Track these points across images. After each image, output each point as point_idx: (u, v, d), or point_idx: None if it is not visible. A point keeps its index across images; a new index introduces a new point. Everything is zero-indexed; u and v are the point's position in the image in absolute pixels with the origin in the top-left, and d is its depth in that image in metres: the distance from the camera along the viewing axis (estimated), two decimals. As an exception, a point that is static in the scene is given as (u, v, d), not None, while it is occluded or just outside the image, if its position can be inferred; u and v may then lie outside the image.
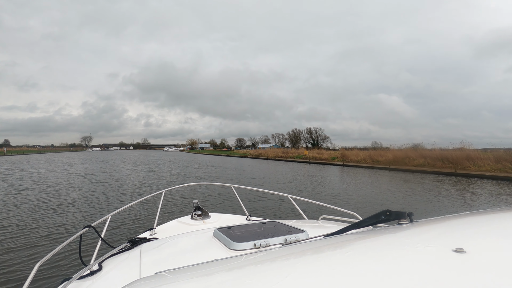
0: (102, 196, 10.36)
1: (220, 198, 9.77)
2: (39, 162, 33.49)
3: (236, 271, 0.58)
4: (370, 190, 12.39)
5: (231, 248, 1.19)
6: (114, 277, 1.12)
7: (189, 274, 0.60)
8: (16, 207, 8.33)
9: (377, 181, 15.54)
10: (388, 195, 10.95)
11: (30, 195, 10.43)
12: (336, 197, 10.69)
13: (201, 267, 0.63)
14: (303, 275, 0.49)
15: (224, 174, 20.56)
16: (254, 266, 0.60)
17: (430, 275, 0.46)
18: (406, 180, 15.65)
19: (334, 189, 12.58)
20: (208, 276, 0.56)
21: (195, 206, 2.31)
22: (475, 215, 0.84)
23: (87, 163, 32.96)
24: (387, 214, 0.81)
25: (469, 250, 0.53)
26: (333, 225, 1.67)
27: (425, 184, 14.02)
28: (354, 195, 11.01)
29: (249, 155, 52.38)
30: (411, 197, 10.67)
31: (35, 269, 1.25)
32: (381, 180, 16.17)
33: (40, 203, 8.97)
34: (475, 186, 13.54)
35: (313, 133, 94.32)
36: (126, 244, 1.50)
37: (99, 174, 18.92)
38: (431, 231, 0.73)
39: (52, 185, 13.08)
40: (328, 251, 0.66)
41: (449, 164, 19.56)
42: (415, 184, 14.07)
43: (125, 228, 6.24)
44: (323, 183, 14.75)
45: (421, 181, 15.10)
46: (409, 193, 11.54)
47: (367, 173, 20.15)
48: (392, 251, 0.59)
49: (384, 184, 14.31)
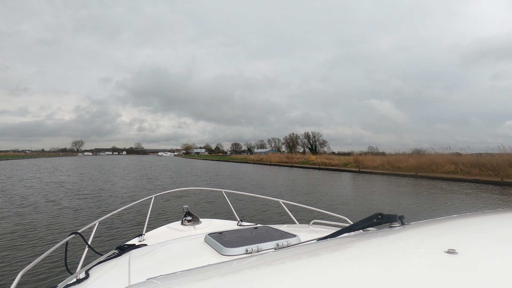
0: (71, 216, 7.45)
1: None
2: (19, 169, 30.17)
3: (229, 276, 0.58)
4: (423, 203, 9.69)
5: (222, 253, 1.16)
6: (102, 285, 1.08)
7: (180, 280, 0.59)
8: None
9: (415, 192, 12.87)
10: (457, 211, 8.23)
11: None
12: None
13: (193, 272, 0.63)
14: (296, 279, 0.48)
15: (229, 182, 17.68)
16: (247, 271, 0.60)
17: (423, 276, 0.46)
18: (451, 191, 12.99)
19: (375, 203, 9.87)
20: (200, 282, 0.56)
21: (185, 212, 2.25)
22: (465, 218, 0.86)
23: (73, 169, 29.74)
24: (378, 218, 0.82)
25: (461, 251, 0.53)
26: (325, 229, 1.67)
27: (481, 198, 11.37)
28: (410, 211, 8.28)
29: (250, 160, 49.26)
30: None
31: (18, 278, 1.20)
32: (420, 190, 13.48)
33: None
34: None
35: (311, 138, 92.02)
36: (114, 251, 1.45)
37: (81, 183, 15.96)
38: (422, 234, 0.74)
39: (15, 200, 10.10)
40: (321, 254, 0.65)
41: (488, 171, 17.07)
42: (471, 197, 11.41)
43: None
44: (354, 195, 12.02)
45: (469, 192, 12.49)
46: (484, 207, 8.86)
47: (393, 182, 17.53)
48: (385, 253, 0.60)
49: (430, 197, 11.58)
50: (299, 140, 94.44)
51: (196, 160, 65.69)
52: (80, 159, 77.70)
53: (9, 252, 4.89)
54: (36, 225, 6.65)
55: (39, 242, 5.42)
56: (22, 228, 6.38)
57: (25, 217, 7.43)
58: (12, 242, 5.39)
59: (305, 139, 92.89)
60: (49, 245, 4.96)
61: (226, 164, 43.70)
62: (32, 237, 5.73)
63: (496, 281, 0.44)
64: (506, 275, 0.45)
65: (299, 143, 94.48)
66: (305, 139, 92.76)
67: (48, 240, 5.51)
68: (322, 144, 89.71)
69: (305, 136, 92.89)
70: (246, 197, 9.61)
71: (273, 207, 8.54)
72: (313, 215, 2.10)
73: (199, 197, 10.56)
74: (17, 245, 5.23)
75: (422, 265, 0.50)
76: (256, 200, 9.23)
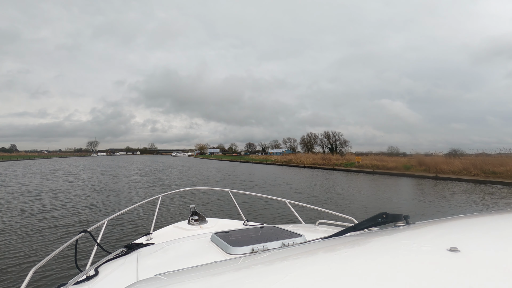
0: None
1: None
2: (22, 170, 25.90)
3: (235, 272, 0.59)
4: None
5: (228, 252, 1.17)
6: (111, 282, 1.08)
7: (188, 276, 0.60)
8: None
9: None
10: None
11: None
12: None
13: (200, 269, 0.64)
14: (301, 277, 0.49)
15: (302, 195, 12.35)
16: (253, 267, 0.60)
17: (426, 274, 0.47)
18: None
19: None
20: (208, 278, 0.56)
21: (192, 211, 2.25)
22: (469, 217, 0.85)
23: (77, 172, 25.18)
24: (383, 217, 0.83)
25: (464, 249, 0.54)
26: (331, 229, 1.66)
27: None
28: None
29: (277, 161, 43.33)
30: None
31: (30, 274, 1.22)
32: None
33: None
34: None
35: (331, 137, 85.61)
36: (123, 249, 1.47)
37: (77, 191, 11.05)
38: (426, 232, 0.74)
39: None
40: (326, 253, 0.66)
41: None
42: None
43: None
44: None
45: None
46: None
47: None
48: (389, 252, 0.60)
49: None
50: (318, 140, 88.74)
51: (213, 161, 60.73)
52: (92, 159, 74.70)
53: None
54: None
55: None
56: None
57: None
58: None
59: (324, 138, 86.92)
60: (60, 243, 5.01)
61: (253, 167, 38.19)
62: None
63: (499, 278, 0.44)
64: (509, 273, 0.45)
65: (318, 142, 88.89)
66: (325, 139, 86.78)
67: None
68: (343, 143, 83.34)
69: (325, 135, 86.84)
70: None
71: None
72: (320, 215, 2.08)
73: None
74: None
75: (424, 263, 0.50)
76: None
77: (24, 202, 9.66)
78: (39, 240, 5.58)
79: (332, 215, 2.03)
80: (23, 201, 9.95)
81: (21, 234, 5.99)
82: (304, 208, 2.45)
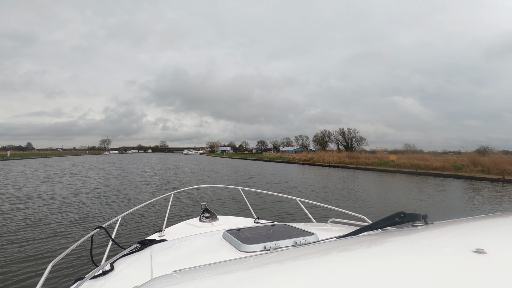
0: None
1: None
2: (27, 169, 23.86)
3: (250, 270, 0.59)
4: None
5: (240, 250, 1.17)
6: (127, 277, 1.11)
7: (203, 274, 0.61)
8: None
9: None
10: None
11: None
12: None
13: (215, 266, 0.64)
14: (315, 277, 0.48)
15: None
16: (267, 266, 0.60)
17: (451, 275, 0.44)
18: None
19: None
20: (222, 276, 0.57)
21: (203, 209, 2.25)
22: (492, 218, 0.82)
23: (84, 171, 22.89)
24: (401, 216, 0.80)
25: (490, 250, 0.51)
26: (343, 228, 1.62)
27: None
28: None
29: (297, 160, 40.24)
30: None
31: (49, 268, 1.23)
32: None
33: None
34: None
35: (346, 134, 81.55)
36: (136, 245, 1.48)
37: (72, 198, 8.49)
38: (448, 233, 0.71)
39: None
40: (341, 252, 0.64)
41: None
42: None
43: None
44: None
45: None
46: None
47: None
48: (408, 252, 0.58)
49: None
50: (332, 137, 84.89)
51: (226, 159, 58.14)
52: (103, 157, 73.90)
53: None
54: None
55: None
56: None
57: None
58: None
59: (339, 135, 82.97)
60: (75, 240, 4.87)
61: (275, 166, 35.20)
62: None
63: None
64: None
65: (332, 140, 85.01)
66: (340, 136, 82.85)
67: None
68: (359, 141, 79.17)
69: (340, 132, 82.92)
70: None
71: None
72: (331, 214, 2.04)
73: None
74: None
75: (449, 264, 0.48)
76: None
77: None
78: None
79: (344, 214, 1.99)
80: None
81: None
82: (312, 206, 2.38)
